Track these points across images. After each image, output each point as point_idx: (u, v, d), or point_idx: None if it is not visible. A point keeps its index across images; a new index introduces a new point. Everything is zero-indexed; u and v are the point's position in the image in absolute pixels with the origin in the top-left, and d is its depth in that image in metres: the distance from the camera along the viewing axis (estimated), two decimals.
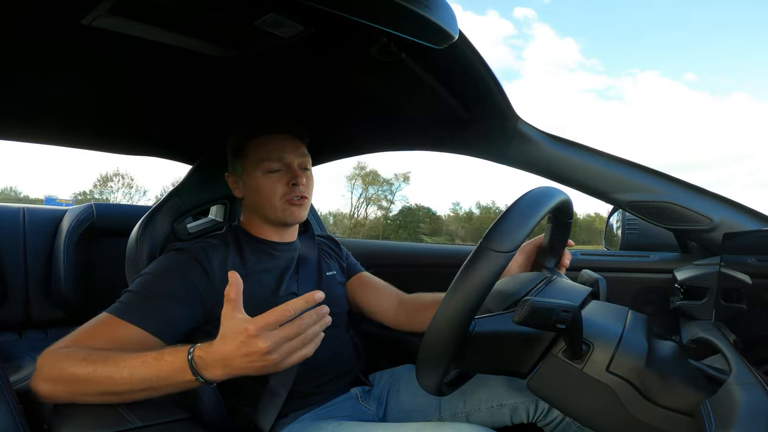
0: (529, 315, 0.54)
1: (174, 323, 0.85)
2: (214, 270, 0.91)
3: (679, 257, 1.15)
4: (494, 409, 0.96)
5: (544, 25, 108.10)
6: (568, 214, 0.82)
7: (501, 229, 0.60)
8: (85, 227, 1.69)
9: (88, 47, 0.83)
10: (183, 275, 0.88)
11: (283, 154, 1.00)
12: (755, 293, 0.67)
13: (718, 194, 0.97)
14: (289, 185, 0.99)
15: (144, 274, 0.90)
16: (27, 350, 1.48)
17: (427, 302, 1.08)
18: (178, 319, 0.86)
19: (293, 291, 0.99)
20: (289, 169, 1.00)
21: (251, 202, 1.04)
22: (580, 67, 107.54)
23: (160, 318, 0.83)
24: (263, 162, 0.99)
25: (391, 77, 0.94)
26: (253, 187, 1.01)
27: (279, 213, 1.00)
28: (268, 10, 0.70)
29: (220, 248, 0.95)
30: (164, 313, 0.84)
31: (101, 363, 0.71)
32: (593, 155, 1.02)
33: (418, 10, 0.63)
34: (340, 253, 1.20)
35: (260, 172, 1.00)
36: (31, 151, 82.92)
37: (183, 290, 0.87)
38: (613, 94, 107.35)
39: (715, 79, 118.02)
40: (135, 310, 0.82)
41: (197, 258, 0.91)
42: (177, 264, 0.90)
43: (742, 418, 0.44)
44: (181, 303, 0.86)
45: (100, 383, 0.71)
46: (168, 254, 0.93)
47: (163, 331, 0.82)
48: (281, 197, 0.99)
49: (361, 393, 1.04)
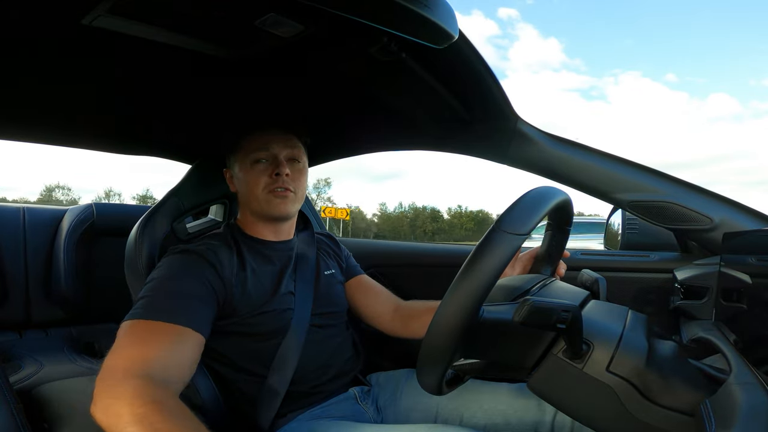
0: (530, 314, 0.53)
1: (202, 315, 0.84)
2: (223, 268, 0.91)
3: (679, 257, 1.15)
4: (490, 414, 0.96)
5: (528, 25, 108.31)
6: (569, 218, 0.82)
7: (514, 213, 0.60)
8: (86, 227, 1.69)
9: (88, 47, 0.82)
10: (196, 273, 0.88)
11: (270, 146, 1.00)
12: (755, 293, 0.67)
13: (718, 194, 0.97)
14: (272, 176, 0.99)
15: (154, 279, 0.87)
16: (27, 350, 1.48)
17: (421, 310, 1.09)
18: (204, 312, 0.85)
19: (291, 290, 0.99)
20: (275, 160, 1.00)
21: (241, 196, 1.04)
22: (563, 67, 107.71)
23: (188, 311, 0.81)
24: (252, 152, 1.00)
25: (391, 77, 0.94)
26: (242, 178, 1.02)
27: (263, 205, 0.99)
28: (268, 10, 0.70)
29: (223, 248, 0.95)
30: (191, 306, 0.83)
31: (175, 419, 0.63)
32: (593, 155, 1.02)
33: (418, 9, 0.63)
34: (340, 253, 1.20)
35: (249, 162, 1.00)
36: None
37: (199, 286, 0.86)
38: (597, 94, 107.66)
39: (694, 80, 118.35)
40: (161, 309, 0.79)
41: (206, 257, 0.90)
42: (188, 263, 0.89)
43: (742, 418, 0.44)
44: (201, 298, 0.86)
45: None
46: (174, 257, 0.92)
47: (197, 323, 0.81)
48: (264, 188, 0.99)
49: (360, 393, 1.04)
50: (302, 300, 0.99)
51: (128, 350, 0.73)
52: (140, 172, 79.85)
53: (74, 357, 1.50)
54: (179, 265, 0.89)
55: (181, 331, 0.78)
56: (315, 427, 0.88)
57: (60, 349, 1.55)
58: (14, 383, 1.24)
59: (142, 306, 0.81)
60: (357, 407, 1.00)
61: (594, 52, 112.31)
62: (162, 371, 0.71)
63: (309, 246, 1.11)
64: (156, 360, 0.72)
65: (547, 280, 0.76)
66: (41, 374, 1.31)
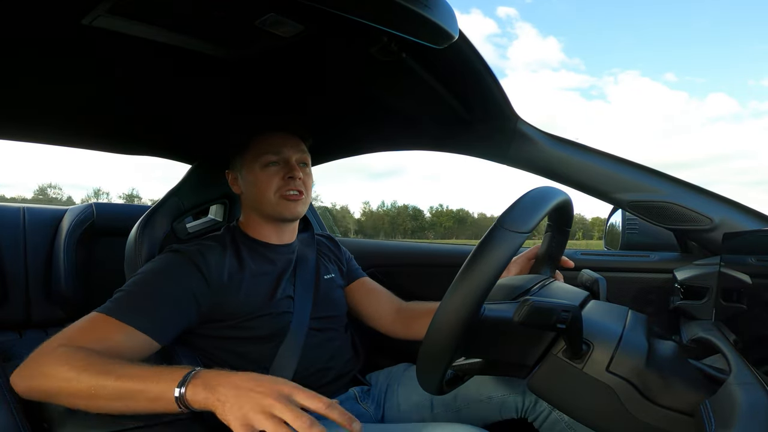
0: (530, 314, 0.53)
1: (167, 323, 0.84)
2: (211, 272, 0.90)
3: (679, 257, 1.15)
4: (483, 402, 0.96)
5: (527, 24, 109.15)
6: (569, 220, 0.82)
7: (516, 212, 0.60)
8: (86, 227, 1.68)
9: (88, 47, 0.82)
10: (177, 276, 0.88)
11: (281, 149, 1.00)
12: (755, 293, 0.67)
13: (718, 194, 0.97)
14: (285, 179, 0.99)
15: (138, 273, 0.89)
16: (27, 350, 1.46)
17: (423, 311, 1.09)
18: (171, 320, 0.85)
19: (289, 294, 0.99)
20: (287, 163, 1.00)
21: (248, 198, 1.04)
22: (563, 66, 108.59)
23: (154, 317, 0.82)
24: (262, 155, 1.00)
25: (391, 77, 0.94)
26: (251, 180, 1.01)
27: (275, 207, 1.00)
28: (268, 10, 0.70)
29: (217, 250, 0.95)
30: (158, 312, 0.83)
31: (95, 372, 0.67)
32: (593, 155, 1.02)
33: (418, 9, 0.63)
34: (340, 256, 1.20)
35: (258, 165, 1.00)
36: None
37: (177, 291, 0.87)
38: (596, 93, 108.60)
39: (693, 79, 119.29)
40: (127, 309, 0.81)
41: (193, 260, 0.90)
42: (172, 265, 0.89)
43: (742, 418, 0.44)
44: (175, 304, 0.86)
45: (88, 391, 0.66)
46: (163, 255, 0.93)
47: (156, 330, 0.81)
48: (276, 191, 0.99)
49: (360, 393, 1.04)
50: (301, 304, 0.99)
51: (74, 332, 0.77)
52: (127, 172, 79.67)
53: None
54: (161, 266, 0.89)
55: (135, 335, 0.79)
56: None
57: None
58: None
59: (114, 301, 0.83)
60: (357, 407, 1.00)
61: (593, 51, 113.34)
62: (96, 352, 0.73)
63: (309, 248, 1.11)
64: (95, 347, 0.74)
65: (547, 280, 0.76)
66: None
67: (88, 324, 0.79)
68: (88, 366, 0.67)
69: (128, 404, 0.65)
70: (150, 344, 0.80)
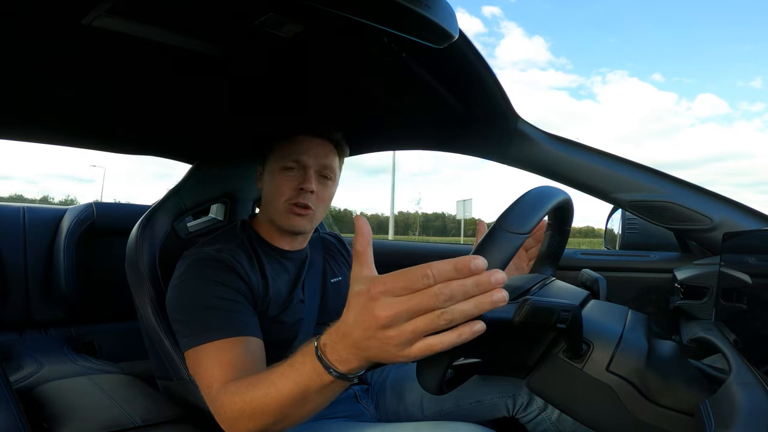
0: (530, 314, 0.53)
1: (248, 316, 0.83)
2: (247, 272, 0.88)
3: (679, 257, 1.15)
4: (473, 405, 0.96)
5: (512, 23, 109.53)
6: (569, 219, 0.82)
7: (514, 213, 0.60)
8: (86, 226, 1.68)
9: (88, 47, 0.82)
10: (223, 282, 0.84)
11: (302, 156, 0.95)
12: (755, 293, 0.67)
13: (718, 194, 0.97)
14: (296, 189, 0.94)
15: (185, 294, 0.85)
16: (27, 350, 1.48)
17: None
18: (247, 312, 0.84)
19: (300, 299, 0.98)
20: (304, 172, 0.95)
21: (264, 198, 1.01)
22: (550, 66, 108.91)
23: (234, 318, 0.80)
24: (283, 158, 0.96)
25: (391, 77, 0.94)
26: (268, 181, 0.99)
27: (280, 215, 0.96)
28: (268, 10, 0.70)
29: (242, 254, 0.91)
30: (235, 314, 0.81)
31: (253, 386, 0.65)
32: (593, 155, 1.02)
33: (418, 9, 0.63)
34: (348, 257, 1.18)
35: (278, 168, 0.96)
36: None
37: (233, 294, 0.84)
38: (585, 93, 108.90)
39: (681, 80, 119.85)
40: (212, 327, 0.78)
41: (229, 265, 0.87)
42: (211, 274, 0.85)
43: (742, 418, 0.44)
44: (241, 305, 0.84)
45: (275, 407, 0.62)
46: (193, 268, 0.87)
47: (249, 326, 0.81)
48: (285, 200, 0.94)
49: (360, 392, 1.04)
50: (310, 308, 0.99)
51: (205, 377, 0.74)
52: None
53: (74, 357, 1.50)
54: (203, 276, 0.85)
55: (242, 342, 0.77)
56: (316, 427, 0.88)
57: (60, 348, 1.55)
58: (14, 383, 1.24)
59: (191, 329, 0.80)
60: (357, 406, 1.01)
61: (579, 50, 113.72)
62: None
63: (316, 250, 1.09)
64: (233, 375, 0.72)
65: (547, 280, 0.76)
66: (41, 374, 1.30)
67: (204, 362, 0.76)
68: (252, 388, 0.65)
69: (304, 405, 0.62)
70: (258, 343, 0.80)
